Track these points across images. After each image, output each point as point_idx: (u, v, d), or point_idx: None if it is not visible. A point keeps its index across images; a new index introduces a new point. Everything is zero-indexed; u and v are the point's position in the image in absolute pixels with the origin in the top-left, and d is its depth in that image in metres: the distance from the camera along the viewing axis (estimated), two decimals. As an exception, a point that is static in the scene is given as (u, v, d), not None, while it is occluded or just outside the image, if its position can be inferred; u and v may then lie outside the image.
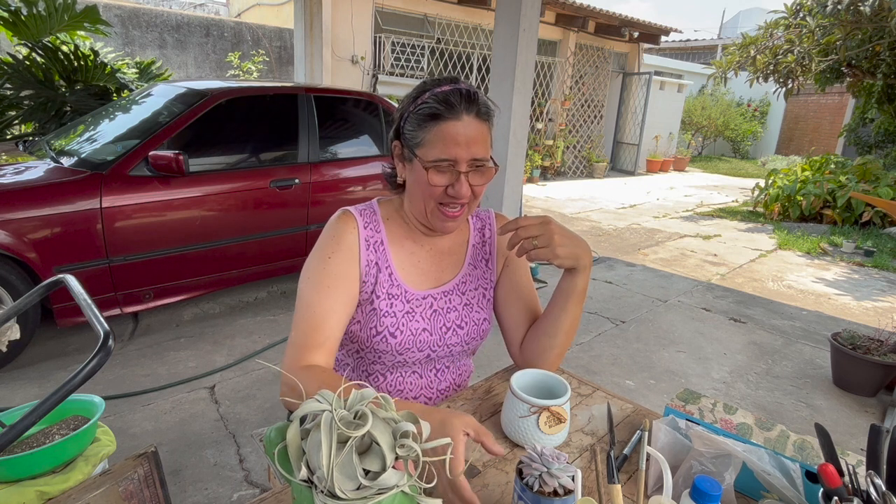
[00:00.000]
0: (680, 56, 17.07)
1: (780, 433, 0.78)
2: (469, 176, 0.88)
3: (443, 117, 0.85)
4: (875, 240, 5.77)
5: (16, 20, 3.54)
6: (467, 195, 0.88)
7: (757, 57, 6.17)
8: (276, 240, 3.09)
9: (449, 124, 0.85)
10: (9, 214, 2.19)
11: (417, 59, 7.28)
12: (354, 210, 0.96)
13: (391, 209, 1.00)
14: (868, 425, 0.75)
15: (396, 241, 0.98)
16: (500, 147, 3.50)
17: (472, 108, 0.86)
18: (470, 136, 0.86)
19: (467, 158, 0.86)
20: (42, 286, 0.97)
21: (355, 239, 0.93)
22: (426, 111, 0.86)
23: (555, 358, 0.97)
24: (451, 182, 0.87)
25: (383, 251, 0.96)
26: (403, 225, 0.99)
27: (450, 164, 0.86)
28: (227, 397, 2.28)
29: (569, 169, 10.14)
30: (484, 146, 0.88)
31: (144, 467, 0.84)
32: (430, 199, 0.90)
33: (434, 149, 0.86)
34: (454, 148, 0.85)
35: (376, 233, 0.96)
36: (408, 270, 0.98)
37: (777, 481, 0.67)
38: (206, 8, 11.28)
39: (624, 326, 3.30)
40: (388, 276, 0.95)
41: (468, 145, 0.85)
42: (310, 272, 0.91)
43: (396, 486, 0.48)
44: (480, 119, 0.87)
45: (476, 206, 0.97)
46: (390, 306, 0.95)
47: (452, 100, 0.85)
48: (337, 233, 0.93)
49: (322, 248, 0.93)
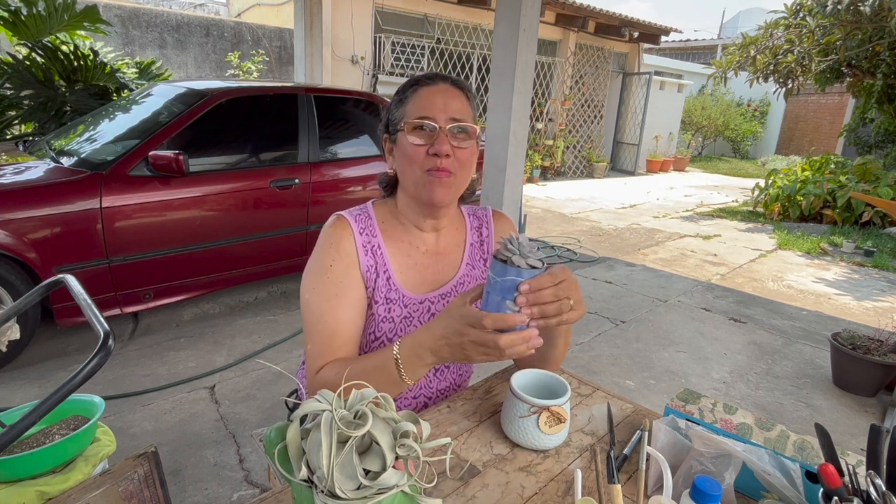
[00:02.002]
0: (680, 56, 17.07)
1: (780, 433, 0.78)
2: (450, 137, 0.88)
3: (421, 83, 0.92)
4: (875, 240, 5.77)
5: (16, 20, 3.54)
6: (448, 151, 0.88)
7: (757, 57, 6.17)
8: (276, 240, 3.09)
9: (426, 88, 0.91)
10: (9, 214, 2.19)
11: (417, 59, 7.29)
12: (348, 215, 0.96)
13: (386, 211, 1.00)
14: (868, 425, 0.75)
15: (393, 245, 0.97)
16: (500, 147, 3.50)
17: (449, 80, 0.93)
18: (448, 96, 0.90)
19: (445, 116, 0.88)
20: (42, 286, 0.97)
21: (352, 245, 0.93)
22: (406, 85, 0.94)
23: (557, 359, 0.98)
24: (432, 141, 0.88)
25: (381, 255, 0.95)
26: (399, 227, 0.99)
27: (429, 122, 0.88)
28: (227, 397, 2.28)
29: (569, 169, 10.14)
30: (463, 109, 0.91)
31: (144, 467, 0.84)
32: (415, 165, 0.89)
33: (414, 112, 0.90)
34: (431, 107, 0.88)
35: (373, 237, 0.95)
36: (405, 274, 0.97)
37: (777, 481, 0.67)
38: (206, 8, 11.28)
39: (624, 326, 3.30)
40: (386, 280, 0.95)
41: (445, 104, 0.89)
42: (314, 283, 0.91)
43: (396, 486, 0.48)
44: (458, 88, 0.93)
45: (467, 182, 0.97)
46: (388, 311, 0.95)
47: (430, 73, 0.94)
48: (334, 240, 0.93)
49: (321, 257, 0.92)
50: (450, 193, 0.92)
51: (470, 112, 0.92)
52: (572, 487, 0.75)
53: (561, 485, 0.76)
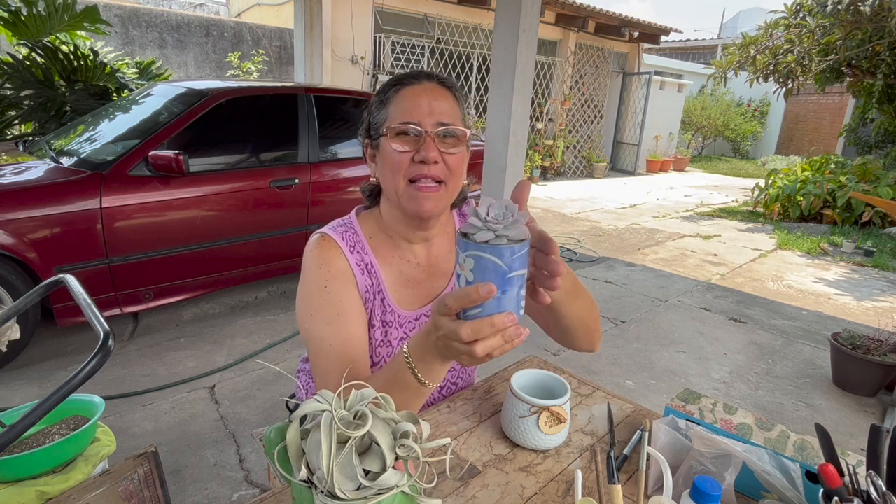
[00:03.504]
0: (680, 56, 17.07)
1: (780, 433, 0.78)
2: (438, 142, 0.80)
3: (403, 83, 0.83)
4: (875, 240, 5.76)
5: (16, 20, 3.54)
6: (435, 158, 0.80)
7: (757, 57, 6.17)
8: (276, 240, 3.09)
9: (410, 88, 0.83)
10: (9, 214, 2.19)
11: (417, 59, 7.29)
12: (333, 233, 0.89)
13: (372, 224, 0.93)
14: (868, 425, 0.75)
15: (385, 261, 0.91)
16: (500, 147, 3.50)
17: (435, 78, 0.85)
18: (433, 97, 0.81)
19: (432, 120, 0.80)
20: (42, 286, 0.97)
21: (346, 264, 0.87)
22: (388, 85, 0.85)
23: (595, 339, 0.89)
24: (418, 147, 0.80)
25: (376, 274, 0.90)
26: (388, 240, 0.92)
27: (413, 126, 0.80)
28: (227, 397, 2.28)
29: (569, 169, 10.14)
30: (451, 111, 0.82)
31: (144, 467, 0.84)
32: (399, 174, 0.81)
33: (397, 115, 0.81)
34: (416, 109, 0.80)
35: (364, 255, 0.90)
36: (399, 292, 0.92)
37: (777, 481, 0.67)
38: (206, 8, 11.27)
39: (624, 326, 3.30)
40: (381, 301, 0.90)
41: (431, 106, 0.81)
42: (311, 308, 0.84)
43: (396, 486, 0.48)
44: (445, 87, 0.85)
45: (458, 191, 0.88)
46: (385, 335, 0.91)
47: (413, 72, 0.85)
48: (324, 261, 0.86)
49: (314, 279, 0.85)
50: (439, 205, 0.84)
51: (459, 113, 0.84)
52: (572, 487, 0.75)
53: (561, 485, 0.76)
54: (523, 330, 0.56)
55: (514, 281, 0.54)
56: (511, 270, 0.53)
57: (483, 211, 0.54)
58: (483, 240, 0.52)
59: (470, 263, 0.53)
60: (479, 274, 0.53)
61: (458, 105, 0.86)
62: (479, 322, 0.53)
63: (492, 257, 0.52)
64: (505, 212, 0.54)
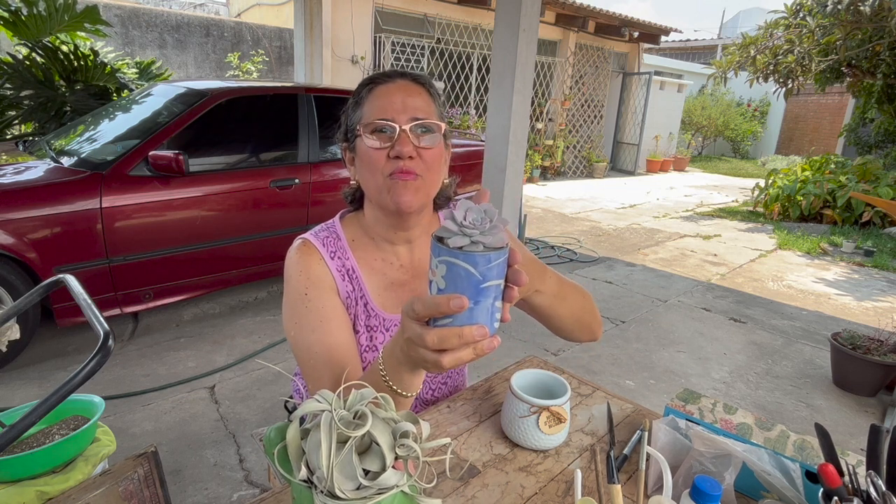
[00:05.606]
0: (680, 56, 17.07)
1: (780, 433, 0.78)
2: (413, 137, 0.81)
3: (377, 82, 0.84)
4: (875, 240, 5.76)
5: (16, 20, 3.54)
6: (410, 152, 0.80)
7: (757, 57, 6.17)
8: (276, 240, 3.09)
9: (383, 86, 0.84)
10: (9, 214, 2.19)
11: (417, 58, 7.29)
12: (314, 238, 0.89)
13: (355, 226, 0.93)
14: (868, 425, 0.75)
15: (367, 265, 0.91)
16: (500, 147, 3.50)
17: (408, 76, 0.85)
18: (407, 94, 0.82)
19: (406, 116, 0.81)
20: (42, 286, 0.97)
21: (325, 270, 0.87)
22: (361, 85, 0.86)
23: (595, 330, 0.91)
24: (393, 143, 0.80)
25: (357, 279, 0.89)
26: (371, 243, 0.92)
27: (387, 123, 0.80)
28: (227, 397, 2.28)
29: (569, 169, 10.14)
30: (426, 107, 0.83)
31: (144, 467, 0.84)
32: (377, 171, 0.82)
33: (371, 113, 0.82)
34: (389, 107, 0.81)
35: (346, 260, 0.89)
36: (383, 295, 0.92)
37: (777, 481, 0.67)
38: (206, 8, 11.27)
39: (624, 326, 3.30)
40: (364, 306, 0.90)
41: (405, 102, 0.81)
42: (294, 317, 0.84)
43: (396, 486, 0.48)
44: (419, 83, 0.85)
45: (436, 186, 0.88)
46: (370, 340, 0.91)
47: (387, 71, 0.86)
48: (303, 267, 0.86)
49: (294, 287, 0.85)
50: (417, 198, 0.83)
51: (434, 109, 0.85)
52: (572, 487, 0.75)
53: (561, 485, 0.76)
54: (495, 341, 0.53)
55: (489, 291, 0.50)
56: (485, 280, 0.49)
57: (460, 214, 0.50)
58: (457, 245, 0.48)
59: (442, 270, 0.49)
60: (451, 282, 0.49)
61: (433, 101, 0.86)
62: (448, 331, 0.51)
63: (465, 265, 0.48)
64: (483, 216, 0.50)
